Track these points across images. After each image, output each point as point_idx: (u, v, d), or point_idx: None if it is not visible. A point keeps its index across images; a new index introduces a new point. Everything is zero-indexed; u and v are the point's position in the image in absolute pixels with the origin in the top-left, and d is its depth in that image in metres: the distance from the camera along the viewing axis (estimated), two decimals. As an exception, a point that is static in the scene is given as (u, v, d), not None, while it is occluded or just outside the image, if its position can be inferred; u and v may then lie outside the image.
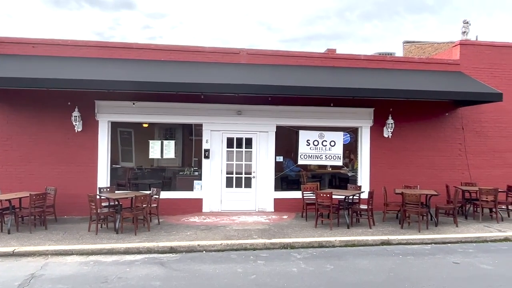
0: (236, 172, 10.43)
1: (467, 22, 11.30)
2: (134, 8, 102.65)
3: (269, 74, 9.58)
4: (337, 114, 10.54)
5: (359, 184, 10.51)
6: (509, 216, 9.45)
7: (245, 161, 10.47)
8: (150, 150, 10.32)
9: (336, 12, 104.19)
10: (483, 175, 10.88)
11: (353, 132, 10.93)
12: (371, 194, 8.69)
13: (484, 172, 10.94)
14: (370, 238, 7.43)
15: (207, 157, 10.20)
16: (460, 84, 10.00)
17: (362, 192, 9.45)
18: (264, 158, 10.44)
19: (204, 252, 6.82)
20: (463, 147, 10.92)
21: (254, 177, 10.44)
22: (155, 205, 8.83)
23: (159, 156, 10.39)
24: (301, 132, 10.59)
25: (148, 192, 9.07)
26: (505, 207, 9.48)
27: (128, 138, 10.84)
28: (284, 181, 10.89)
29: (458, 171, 10.88)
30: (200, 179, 10.27)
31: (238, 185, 10.41)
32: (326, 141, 10.61)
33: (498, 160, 11.08)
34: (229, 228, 8.26)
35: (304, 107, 10.36)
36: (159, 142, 10.39)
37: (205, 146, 10.24)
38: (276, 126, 10.45)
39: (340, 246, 7.17)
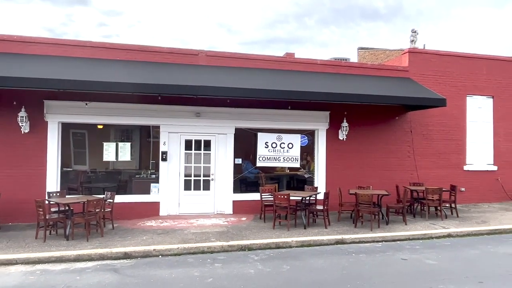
0: (194, 175, 10.33)
1: (415, 31, 12.00)
2: (89, 4, 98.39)
3: (228, 77, 9.60)
4: (295, 117, 10.76)
5: (315, 185, 10.79)
6: (452, 213, 10.11)
7: (203, 164, 10.39)
8: (104, 152, 9.96)
9: (295, 17, 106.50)
10: (430, 175, 11.59)
11: (310, 135, 11.22)
12: (326, 195, 8.96)
13: (430, 172, 11.65)
14: (325, 238, 7.65)
15: (164, 159, 10.01)
16: (408, 89, 10.59)
17: (318, 193, 9.71)
18: (223, 160, 10.43)
19: (160, 256, 6.68)
20: (412, 149, 11.57)
21: (212, 179, 10.39)
22: (109, 209, 8.52)
23: (114, 159, 10.05)
24: (259, 134, 10.70)
25: (102, 196, 8.73)
26: (449, 206, 10.13)
27: (82, 140, 10.38)
28: (243, 183, 10.94)
29: (407, 172, 11.51)
30: (158, 182, 10.06)
31: (197, 187, 10.32)
32: (284, 143, 10.80)
33: (443, 161, 11.85)
34: (187, 232, 8.16)
35: (263, 109, 10.48)
36: (114, 144, 10.05)
37: (162, 148, 10.05)
38: (235, 128, 10.49)
39: (296, 247, 7.32)
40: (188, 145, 10.31)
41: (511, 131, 12.58)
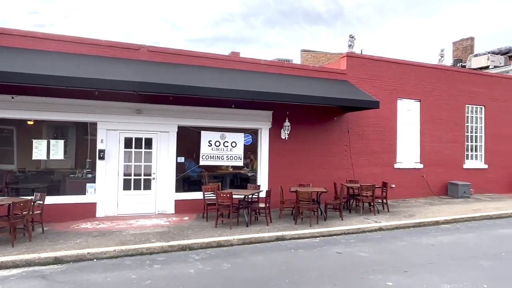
0: (134, 174, 9.98)
1: (353, 37, 12.68)
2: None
3: (171, 73, 9.39)
4: (239, 115, 10.83)
5: (258, 183, 10.98)
6: (383, 208, 10.85)
7: (144, 162, 10.08)
8: (34, 150, 9.25)
9: (241, 16, 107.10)
10: (364, 173, 12.33)
11: (254, 133, 11.37)
12: (268, 193, 9.15)
13: (365, 170, 12.40)
14: (266, 235, 7.82)
15: (102, 158, 9.55)
16: (346, 91, 11.16)
17: (260, 191, 9.88)
18: (165, 159, 10.20)
19: (95, 260, 6.38)
20: (349, 148, 12.22)
21: (154, 178, 10.12)
22: (38, 211, 7.94)
23: (44, 157, 9.37)
24: (203, 132, 10.62)
25: (30, 197, 8.10)
26: (381, 201, 10.86)
27: (9, 136, 9.52)
28: (185, 182, 10.79)
29: (344, 170, 12.13)
30: (94, 182, 9.57)
31: (137, 187, 9.98)
32: (227, 142, 10.83)
33: (376, 160, 12.67)
34: (125, 233, 7.87)
35: (207, 108, 10.41)
36: (45, 141, 9.38)
37: (100, 146, 9.58)
38: (178, 127, 10.31)
39: (238, 245, 7.40)
40: (128, 143, 9.93)
41: (435, 132, 13.80)
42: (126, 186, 9.87)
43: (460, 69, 16.90)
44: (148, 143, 10.14)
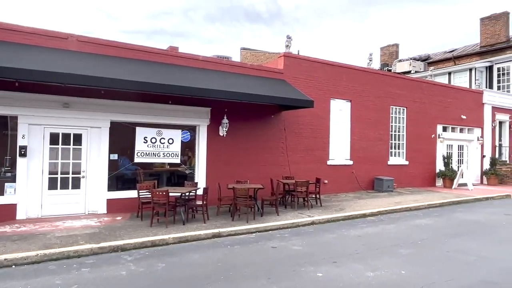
0: (61, 172, 9.32)
1: (290, 37, 13.06)
2: None
3: (103, 66, 8.90)
4: (176, 112, 10.62)
5: (196, 181, 10.88)
6: (317, 203, 11.39)
7: (73, 160, 9.46)
8: None
9: (181, 10, 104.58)
10: (300, 169, 12.82)
11: (192, 130, 11.22)
12: (206, 190, 9.12)
13: (300, 167, 12.89)
14: (203, 232, 7.79)
15: (23, 155, 8.78)
16: (283, 90, 11.48)
17: (198, 189, 9.81)
18: (96, 156, 9.66)
19: (13, 267, 5.85)
20: (285, 145, 12.61)
21: (83, 177, 9.54)
22: None
23: (-47, 155, 8.36)
24: (138, 129, 10.24)
25: None
26: (314, 196, 11.38)
27: None
28: (119, 180, 10.32)
29: (281, 167, 12.50)
30: (14, 181, 8.77)
31: (64, 186, 9.34)
32: (164, 138, 10.57)
33: (311, 157, 13.24)
34: (50, 236, 7.32)
35: (142, 103, 10.05)
36: (-46, 136, 8.37)
37: (21, 142, 8.79)
38: (111, 122, 9.82)
39: (174, 243, 7.28)
40: (54, 139, 9.24)
41: (364, 131, 14.78)
42: (52, 185, 9.19)
43: (386, 72, 18.27)
44: (77, 139, 9.53)
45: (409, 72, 25.96)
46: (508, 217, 10.62)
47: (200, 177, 11.07)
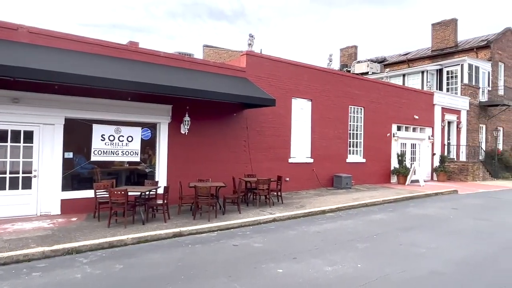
0: (10, 172, 8.78)
1: (252, 36, 13.12)
2: None
3: (56, 59, 8.47)
4: (135, 109, 10.34)
5: (156, 179, 10.66)
6: (278, 200, 11.56)
7: (23, 158, 8.94)
8: None
9: (142, 4, 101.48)
10: (262, 167, 12.94)
11: (152, 128, 10.97)
12: (166, 189, 8.96)
13: (262, 165, 13.01)
14: (163, 232, 7.66)
15: (-34, 153, 8.17)
16: (246, 89, 11.52)
17: (158, 188, 9.62)
18: (49, 155, 9.19)
19: (-45, 273, 5.45)
20: (247, 144, 12.67)
21: (35, 176, 9.04)
22: None
23: None
24: (95, 126, 9.86)
25: None
26: (276, 194, 11.54)
27: None
28: (74, 179, 9.89)
29: (243, 165, 12.55)
30: (-44, 182, 8.15)
31: (14, 186, 8.80)
32: (123, 136, 10.25)
33: (272, 155, 13.40)
34: (-2, 239, 6.88)
35: (99, 99, 9.69)
36: None
37: (-37, 140, 8.17)
38: (65, 119, 9.38)
39: (132, 244, 7.10)
40: (2, 136, 8.68)
41: (324, 130, 15.18)
42: (0, 185, 8.62)
43: (346, 73, 18.85)
44: (29, 136, 9.01)
45: (366, 73, 26.96)
46: (455, 211, 11.37)
47: (161, 175, 10.86)
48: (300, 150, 14.44)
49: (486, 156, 23.68)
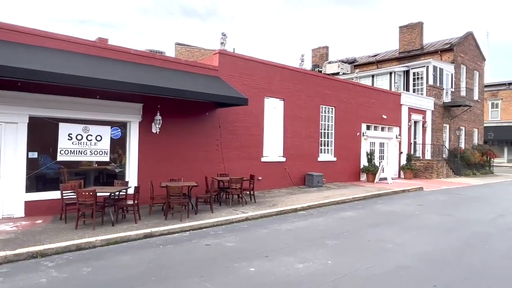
0: (-31, 173, 8.33)
1: (225, 35, 13.08)
2: None
3: (21, 55, 8.11)
4: (105, 107, 10.08)
5: (127, 179, 10.43)
6: (251, 199, 11.61)
7: (-17, 159, 8.50)
8: None
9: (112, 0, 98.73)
10: (234, 166, 12.94)
11: (123, 127, 10.72)
12: (137, 189, 8.80)
13: (235, 164, 13.02)
14: (133, 233, 7.52)
15: None
16: (218, 88, 11.48)
17: (129, 188, 9.42)
18: (12, 155, 8.79)
19: None
20: (220, 143, 12.64)
21: (-4, 177, 8.63)
22: None
23: None
24: (61, 125, 9.52)
25: None
26: (249, 193, 11.58)
27: None
28: (40, 180, 9.51)
29: (216, 164, 12.50)
30: None
31: (-28, 188, 8.36)
32: (91, 135, 9.96)
33: (245, 154, 13.44)
34: (-45, 244, 6.52)
35: (66, 97, 9.37)
36: None
37: None
38: (30, 117, 9.00)
39: (101, 246, 6.92)
40: (-41, 135, 8.22)
41: (296, 129, 15.37)
42: (-43, 187, 8.18)
43: (317, 73, 19.17)
44: (-11, 135, 8.58)
45: (337, 73, 27.51)
46: (420, 207, 11.83)
47: (132, 175, 10.64)
48: (273, 149, 14.55)
49: (450, 154, 24.78)
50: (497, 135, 37.91)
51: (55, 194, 9.06)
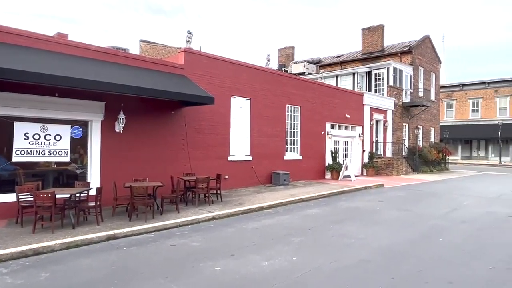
0: None
1: (191, 33, 12.96)
2: None
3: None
4: (64, 105, 9.69)
5: (89, 180, 10.10)
6: (217, 199, 11.59)
7: None
8: None
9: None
10: (201, 165, 12.86)
11: (84, 126, 10.35)
12: (99, 190, 8.54)
13: (201, 163, 12.94)
14: (95, 235, 7.30)
15: None
16: (184, 86, 11.35)
17: (90, 189, 9.12)
18: (-40, 155, 8.26)
19: None
20: (186, 142, 12.51)
21: None
22: None
23: None
24: (17, 123, 9.05)
25: None
26: (215, 192, 11.56)
27: None
28: (-8, 182, 9.00)
29: (181, 163, 12.37)
30: None
31: None
32: (50, 135, 9.55)
33: (212, 153, 13.39)
34: None
35: (22, 94, 8.92)
36: None
37: None
38: (-19, 116, 8.50)
39: (61, 250, 6.67)
40: None
41: (262, 128, 15.50)
42: None
43: (283, 73, 19.39)
44: None
45: (303, 73, 27.97)
46: (381, 203, 12.32)
47: (94, 176, 10.30)
48: (240, 148, 14.59)
49: (409, 152, 25.92)
50: (452, 134, 40.22)
51: (10, 197, 8.62)
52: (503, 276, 5.70)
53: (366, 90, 24.60)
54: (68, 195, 8.30)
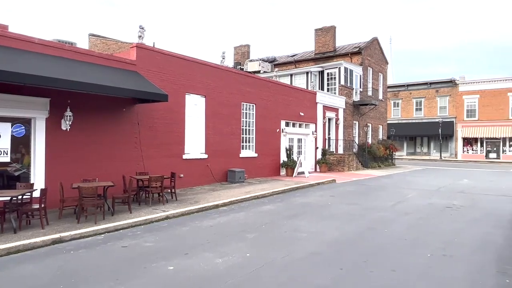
0: None
1: (143, 28, 12.60)
2: None
3: None
4: (3, 101, 9.03)
5: (32, 181, 9.52)
6: (172, 198, 11.42)
7: None
8: None
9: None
10: (155, 164, 12.59)
11: (27, 124, 9.73)
12: (43, 191, 8.09)
13: (155, 161, 12.67)
14: (40, 239, 6.92)
15: None
16: (136, 83, 11.03)
17: (34, 191, 8.61)
18: None
19: None
20: (139, 140, 12.18)
21: None
22: None
23: None
24: None
25: None
26: (170, 191, 11.38)
27: None
28: None
29: (134, 162, 12.03)
30: None
31: None
32: (-13, 133, 8.87)
33: (166, 151, 13.15)
34: None
35: (-47, 90, 8.20)
36: None
37: None
38: None
39: (1, 256, 6.25)
40: None
41: (218, 126, 15.48)
42: None
43: (238, 71, 19.46)
44: None
45: (258, 71, 28.25)
46: (332, 198, 12.82)
47: (38, 177, 9.72)
48: (195, 146, 14.46)
49: (359, 148, 27.13)
50: (398, 131, 42.65)
51: None
52: (439, 262, 6.20)
53: (319, 89, 25.35)
54: (9, 198, 7.77)
